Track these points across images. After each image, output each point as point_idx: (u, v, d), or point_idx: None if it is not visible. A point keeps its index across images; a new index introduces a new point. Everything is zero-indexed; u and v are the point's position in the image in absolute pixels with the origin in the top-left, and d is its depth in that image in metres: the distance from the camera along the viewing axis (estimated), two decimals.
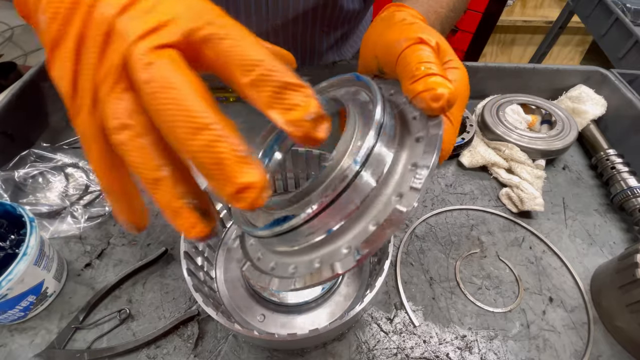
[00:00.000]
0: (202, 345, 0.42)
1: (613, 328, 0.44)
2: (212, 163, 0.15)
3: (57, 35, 0.18)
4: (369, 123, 0.23)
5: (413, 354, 0.41)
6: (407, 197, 0.22)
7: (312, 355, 0.41)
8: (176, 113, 0.15)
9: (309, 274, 0.24)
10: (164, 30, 0.16)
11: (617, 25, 1.14)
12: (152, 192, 0.18)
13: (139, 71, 0.16)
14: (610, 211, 0.57)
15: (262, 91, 0.16)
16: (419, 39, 0.24)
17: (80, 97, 0.18)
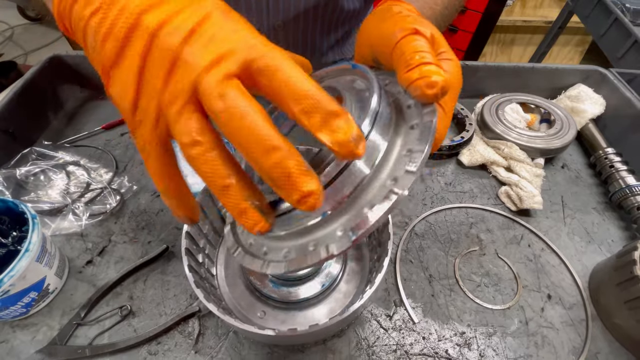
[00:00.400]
0: (203, 341, 0.42)
1: (611, 325, 0.44)
2: (281, 177, 0.19)
3: (113, 55, 0.20)
4: (365, 110, 0.24)
5: (412, 351, 0.42)
6: (402, 179, 0.22)
7: (312, 351, 0.41)
8: (250, 138, 0.19)
9: (303, 255, 0.24)
10: (226, 61, 0.19)
11: (616, 25, 1.15)
12: (221, 197, 0.21)
13: (213, 101, 0.19)
14: (609, 209, 0.57)
15: (312, 117, 0.19)
16: (414, 29, 0.25)
17: (142, 113, 0.21)
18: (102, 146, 0.63)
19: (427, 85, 0.22)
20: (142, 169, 0.60)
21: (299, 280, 0.43)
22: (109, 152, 0.62)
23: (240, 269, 0.47)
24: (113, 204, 0.54)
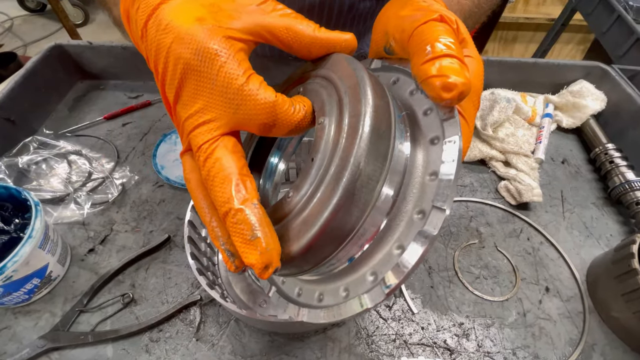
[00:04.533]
0: (204, 329, 0.43)
1: (608, 317, 0.44)
2: (231, 243, 0.22)
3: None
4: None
5: (411, 340, 0.42)
6: (432, 217, 0.19)
7: (312, 340, 0.42)
8: (215, 197, 0.21)
9: (337, 306, 0.22)
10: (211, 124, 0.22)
11: (618, 22, 1.14)
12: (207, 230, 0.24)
13: (196, 158, 0.22)
14: (608, 204, 0.57)
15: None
16: (439, 15, 0.22)
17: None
18: (103, 136, 0.63)
19: (443, 87, 0.19)
20: (144, 160, 0.60)
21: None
22: (111, 142, 0.62)
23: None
24: (115, 193, 0.54)
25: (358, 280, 0.22)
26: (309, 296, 0.25)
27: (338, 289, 0.23)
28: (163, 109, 0.68)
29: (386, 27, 0.25)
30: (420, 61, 0.20)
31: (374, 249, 0.21)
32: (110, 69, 0.71)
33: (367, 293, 0.21)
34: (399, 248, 0.20)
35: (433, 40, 0.20)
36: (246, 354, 0.41)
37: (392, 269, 0.20)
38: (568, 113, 0.67)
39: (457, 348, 0.42)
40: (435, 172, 0.20)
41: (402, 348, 0.42)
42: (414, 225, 0.20)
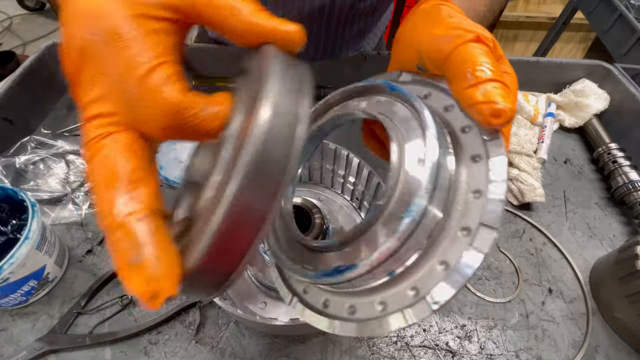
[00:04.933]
0: (204, 331, 0.42)
1: (612, 319, 0.44)
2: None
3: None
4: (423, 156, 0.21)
5: (413, 342, 0.42)
6: (480, 236, 0.19)
7: (312, 342, 0.41)
8: (98, 206, 0.18)
9: (376, 320, 0.21)
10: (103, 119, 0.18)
11: (620, 21, 1.14)
12: None
13: (82, 156, 0.19)
14: (611, 205, 0.57)
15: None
16: (476, 36, 0.22)
17: None
18: None
19: (492, 114, 0.20)
20: None
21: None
22: None
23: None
24: None
25: (397, 295, 0.21)
26: (338, 308, 0.24)
27: (372, 303, 0.22)
28: None
29: (419, 45, 0.25)
30: (464, 85, 0.21)
31: (415, 265, 0.21)
32: None
33: (410, 308, 0.20)
34: (442, 264, 0.20)
35: (473, 63, 0.20)
36: (246, 356, 0.40)
37: (438, 285, 0.19)
38: (570, 112, 0.67)
39: (460, 350, 0.41)
40: (479, 190, 0.21)
41: (403, 350, 0.41)
42: (459, 242, 0.20)
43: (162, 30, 0.18)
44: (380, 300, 0.22)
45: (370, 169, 0.45)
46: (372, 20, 0.69)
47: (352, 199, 0.53)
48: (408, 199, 0.21)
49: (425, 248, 0.21)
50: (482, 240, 0.19)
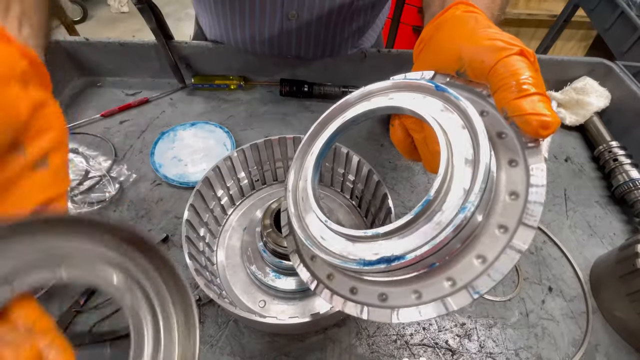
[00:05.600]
0: (203, 330, 0.42)
1: (612, 318, 0.44)
2: None
3: None
4: (474, 160, 0.23)
5: (412, 341, 0.42)
6: (520, 233, 0.21)
7: (312, 340, 0.41)
8: None
9: (414, 307, 0.23)
10: None
11: (622, 18, 1.13)
12: None
13: None
14: (611, 203, 0.57)
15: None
16: (520, 50, 0.23)
17: None
18: (100, 134, 0.62)
19: (541, 125, 0.21)
20: (142, 158, 0.59)
21: None
22: (108, 140, 0.61)
23: (241, 258, 0.47)
24: (112, 192, 0.53)
25: (431, 284, 0.23)
26: (368, 295, 0.25)
27: (406, 292, 0.24)
28: (161, 106, 0.68)
29: (460, 52, 0.26)
30: (511, 97, 0.22)
31: (454, 259, 0.23)
32: (108, 65, 0.70)
33: (450, 297, 0.22)
34: (479, 258, 0.22)
35: (519, 75, 0.22)
36: (245, 355, 0.40)
37: (479, 276, 0.21)
38: (571, 110, 0.67)
39: (459, 349, 0.41)
40: (515, 192, 0.22)
41: (403, 349, 0.41)
42: (497, 239, 0.22)
43: None
44: (414, 289, 0.23)
45: (370, 167, 0.45)
46: (371, 16, 0.69)
47: (351, 197, 0.53)
48: (458, 196, 0.22)
49: (465, 245, 0.22)
50: (521, 238, 0.21)
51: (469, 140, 0.24)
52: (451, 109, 0.26)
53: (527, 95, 0.22)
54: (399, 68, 0.76)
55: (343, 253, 0.26)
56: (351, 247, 0.26)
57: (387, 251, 0.24)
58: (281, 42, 0.64)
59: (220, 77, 0.69)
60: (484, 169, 0.22)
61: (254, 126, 0.65)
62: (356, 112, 0.31)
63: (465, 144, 0.24)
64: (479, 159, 0.22)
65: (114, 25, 2.67)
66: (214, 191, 0.47)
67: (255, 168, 0.51)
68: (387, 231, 0.24)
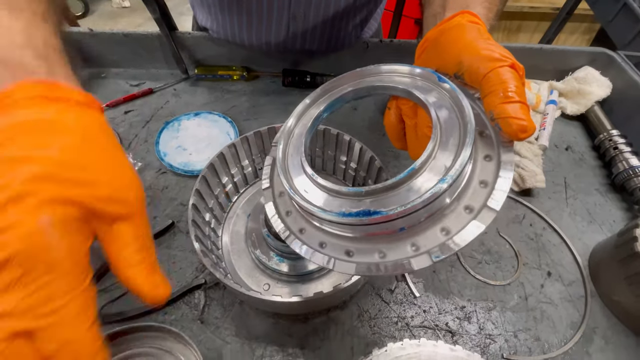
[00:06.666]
0: (209, 312, 0.43)
1: (610, 302, 0.45)
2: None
3: None
4: (458, 145, 0.26)
5: (413, 323, 0.43)
6: (483, 214, 0.24)
7: (315, 322, 0.42)
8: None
9: (374, 265, 0.26)
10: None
11: (624, 10, 1.13)
12: None
13: None
14: (611, 191, 0.57)
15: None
16: (512, 63, 0.27)
17: None
18: None
19: (520, 129, 0.24)
20: (147, 147, 0.60)
21: None
22: (113, 129, 0.61)
23: (246, 243, 0.47)
24: None
25: (395, 247, 0.26)
26: (336, 250, 0.28)
27: (372, 251, 0.26)
28: (165, 96, 0.68)
29: (461, 58, 0.29)
30: (498, 101, 0.25)
31: (421, 228, 0.25)
32: (112, 56, 0.71)
33: (413, 258, 0.24)
34: (443, 230, 0.25)
35: (507, 84, 0.25)
36: (250, 335, 0.41)
37: (440, 245, 0.24)
38: (573, 100, 0.67)
39: (459, 330, 0.42)
40: (485, 181, 0.25)
41: (404, 330, 0.42)
42: (462, 217, 0.24)
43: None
44: (379, 249, 0.26)
45: (372, 154, 0.46)
46: (374, 6, 0.69)
47: (353, 185, 0.54)
48: (439, 171, 0.25)
49: (434, 217, 0.25)
50: (483, 218, 0.24)
51: (457, 126, 0.27)
52: (447, 99, 0.29)
53: (512, 102, 0.25)
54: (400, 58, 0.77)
55: (324, 206, 0.28)
56: (332, 201, 0.28)
57: (368, 206, 0.26)
58: (286, 41, 0.65)
59: (223, 68, 0.70)
60: (468, 152, 0.24)
61: (257, 116, 0.66)
62: (366, 84, 0.34)
63: (454, 129, 0.27)
64: (465, 142, 0.25)
65: (116, 20, 2.67)
66: (218, 178, 0.48)
67: (258, 156, 0.52)
68: (369, 190, 0.26)
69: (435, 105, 0.29)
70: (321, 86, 0.36)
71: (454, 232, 0.24)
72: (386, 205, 0.25)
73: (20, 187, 0.19)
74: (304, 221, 0.30)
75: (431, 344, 0.36)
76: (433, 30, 0.33)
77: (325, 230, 0.29)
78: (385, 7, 0.80)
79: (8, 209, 0.19)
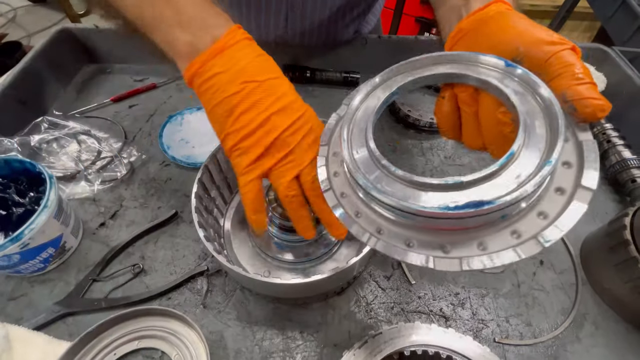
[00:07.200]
0: (211, 297, 0.45)
1: (601, 290, 0.46)
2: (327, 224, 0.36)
3: (244, 132, 0.34)
4: (545, 127, 0.25)
5: (408, 308, 0.44)
6: (579, 195, 0.23)
7: (314, 307, 0.44)
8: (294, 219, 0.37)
9: (484, 256, 0.24)
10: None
11: (623, 7, 1.14)
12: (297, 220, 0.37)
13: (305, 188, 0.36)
14: (605, 183, 0.58)
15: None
16: (572, 46, 0.27)
17: (256, 170, 0.35)
18: (111, 117, 0.64)
19: (599, 109, 0.24)
20: (151, 140, 0.62)
21: (303, 242, 0.45)
22: (118, 123, 0.63)
23: (247, 232, 0.49)
24: (123, 171, 0.56)
25: (497, 238, 0.24)
26: (427, 246, 0.26)
27: (469, 243, 0.25)
28: (168, 91, 0.70)
29: (516, 43, 0.29)
30: (570, 83, 0.25)
31: (519, 216, 0.24)
32: (117, 52, 0.72)
33: (518, 247, 0.23)
34: (540, 215, 0.24)
35: (574, 66, 0.26)
36: (251, 320, 0.43)
37: (545, 228, 0.23)
38: None
39: (453, 315, 0.44)
40: (568, 162, 0.25)
41: (399, 315, 0.43)
42: (556, 200, 0.24)
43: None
44: (479, 241, 0.25)
45: None
46: (372, 1, 0.70)
47: None
48: (535, 155, 0.24)
49: (506, 221, 0.24)
50: (580, 198, 0.23)
51: (537, 110, 0.26)
52: (521, 85, 0.28)
53: (583, 83, 0.25)
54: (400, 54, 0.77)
55: (410, 201, 0.26)
56: (417, 195, 0.26)
57: (467, 198, 0.24)
58: (285, 34, 0.66)
59: None
60: (562, 134, 0.24)
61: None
62: (433, 72, 0.32)
63: (534, 112, 0.26)
64: (558, 123, 0.24)
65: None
66: (220, 169, 0.49)
67: None
68: (471, 180, 0.24)
69: (514, 92, 0.28)
70: (392, 67, 0.34)
71: (552, 215, 0.23)
72: (488, 195, 0.24)
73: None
74: (384, 218, 0.28)
75: (425, 327, 0.38)
76: (468, 20, 0.33)
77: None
78: (386, 5, 0.81)
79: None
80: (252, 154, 0.34)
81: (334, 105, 0.35)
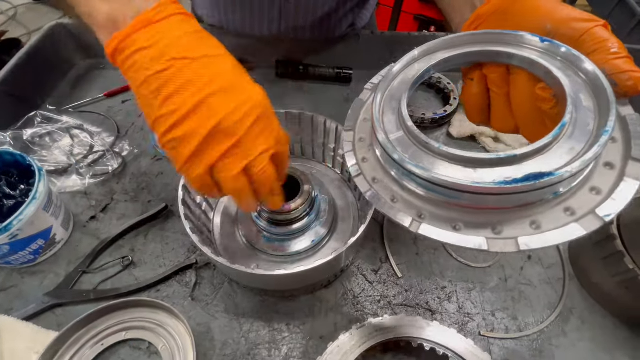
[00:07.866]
0: (199, 290, 0.45)
1: (588, 284, 0.46)
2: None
3: (176, 117, 0.29)
4: (592, 100, 0.25)
5: (395, 301, 0.44)
6: (630, 167, 0.23)
7: (301, 300, 0.44)
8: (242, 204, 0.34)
9: (541, 234, 0.23)
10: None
11: (621, 5, 1.13)
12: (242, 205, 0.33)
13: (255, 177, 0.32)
14: None
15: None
16: (605, 23, 0.27)
17: (196, 166, 0.30)
18: (104, 112, 0.65)
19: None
20: (143, 135, 0.62)
21: (292, 235, 0.46)
22: (111, 117, 0.64)
23: (236, 226, 0.49)
24: (115, 165, 0.56)
25: (550, 215, 0.23)
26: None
27: (521, 222, 0.23)
28: None
29: (547, 22, 0.29)
30: (608, 57, 0.26)
31: (571, 192, 0.24)
32: None
33: (575, 223, 0.22)
34: (593, 190, 0.23)
35: (610, 42, 0.26)
36: (238, 312, 0.43)
37: (602, 203, 0.22)
38: None
39: (439, 309, 0.44)
40: (614, 137, 0.24)
41: (386, 308, 0.44)
42: (606, 174, 0.23)
43: None
44: (531, 220, 0.23)
45: None
46: None
47: (342, 172, 0.55)
48: (586, 126, 0.24)
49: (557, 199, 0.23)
50: (632, 171, 0.23)
51: (581, 84, 0.26)
52: (561, 61, 0.28)
53: (621, 57, 0.25)
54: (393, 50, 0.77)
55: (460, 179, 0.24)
56: (463, 172, 0.25)
57: (521, 173, 0.23)
58: (279, 25, 0.66)
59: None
60: (614, 105, 0.23)
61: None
62: (468, 50, 0.32)
63: (578, 87, 0.26)
64: (608, 95, 0.24)
65: None
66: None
67: None
68: (525, 153, 0.23)
69: (556, 67, 0.27)
70: (429, 43, 0.33)
71: (606, 190, 0.22)
72: (545, 167, 0.23)
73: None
74: (425, 200, 0.27)
75: (410, 320, 0.38)
76: (488, 5, 0.33)
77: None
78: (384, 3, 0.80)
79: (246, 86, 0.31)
80: (189, 146, 0.29)
81: (327, 101, 0.35)
